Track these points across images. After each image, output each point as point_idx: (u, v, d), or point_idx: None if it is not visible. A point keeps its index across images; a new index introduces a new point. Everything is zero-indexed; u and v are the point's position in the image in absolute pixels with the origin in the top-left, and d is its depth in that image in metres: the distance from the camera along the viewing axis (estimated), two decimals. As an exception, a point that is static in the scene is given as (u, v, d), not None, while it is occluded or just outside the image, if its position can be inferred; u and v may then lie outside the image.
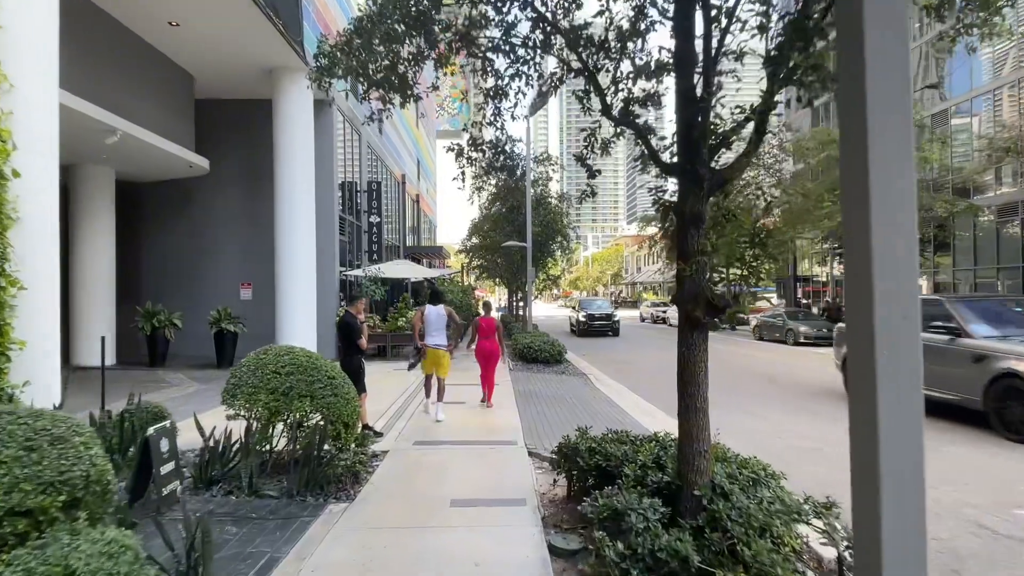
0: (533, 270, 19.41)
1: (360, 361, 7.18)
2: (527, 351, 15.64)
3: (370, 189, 19.54)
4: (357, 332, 7.09)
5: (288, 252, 13.97)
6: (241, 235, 16.17)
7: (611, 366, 16.34)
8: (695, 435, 3.75)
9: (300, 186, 14.08)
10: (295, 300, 13.92)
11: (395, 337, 16.05)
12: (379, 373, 13.37)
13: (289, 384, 5.35)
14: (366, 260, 19.02)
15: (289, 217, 13.97)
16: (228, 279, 16.23)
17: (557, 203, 22.04)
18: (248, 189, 15.99)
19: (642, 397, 11.13)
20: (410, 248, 28.50)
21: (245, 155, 15.96)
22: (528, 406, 9.60)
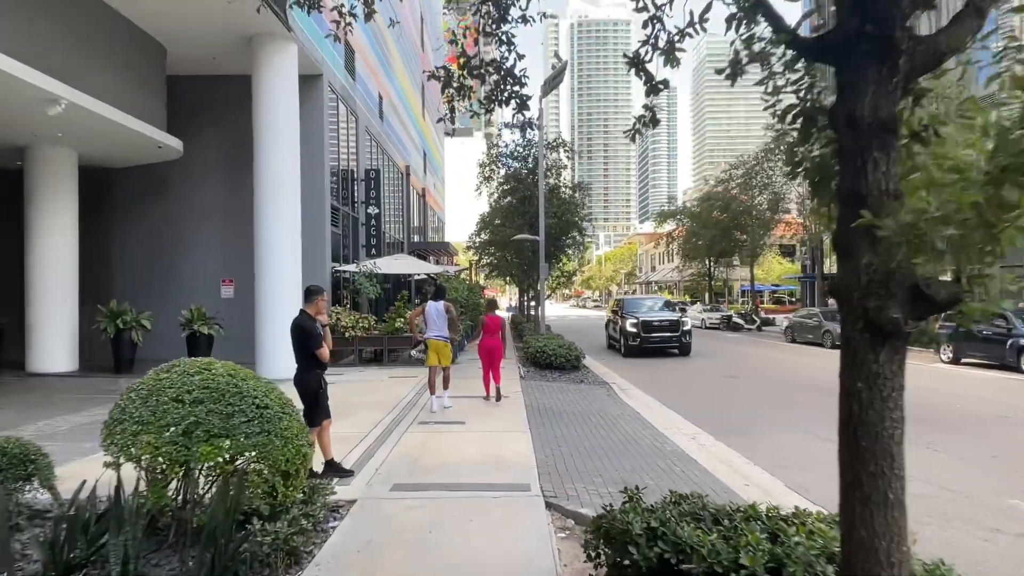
0: (546, 266, 17.65)
1: (319, 378, 5.45)
2: (540, 356, 13.87)
3: (368, 177, 17.87)
4: (315, 338, 5.35)
5: (269, 244, 12.30)
6: (222, 226, 14.54)
7: (634, 372, 14.52)
8: (882, 545, 1.96)
9: (283, 170, 12.40)
10: (276, 299, 12.24)
11: (393, 340, 14.35)
12: (372, 381, 11.66)
13: (195, 418, 3.63)
14: (363, 255, 17.34)
15: (271, 204, 12.30)
16: (207, 275, 14.61)
17: (572, 193, 20.23)
18: (230, 176, 14.35)
19: (678, 413, 9.33)
20: (415, 244, 26.83)
21: (227, 138, 14.32)
22: (543, 427, 7.84)
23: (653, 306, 19.80)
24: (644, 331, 17.79)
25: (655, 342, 17.87)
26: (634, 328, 17.87)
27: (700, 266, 39.50)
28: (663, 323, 18.11)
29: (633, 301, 20.44)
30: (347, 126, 17.00)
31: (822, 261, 32.33)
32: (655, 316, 18.45)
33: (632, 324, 17.98)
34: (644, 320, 17.98)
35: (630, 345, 17.88)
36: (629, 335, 17.99)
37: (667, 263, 70.22)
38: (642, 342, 17.76)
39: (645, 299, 21.30)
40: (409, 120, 27.65)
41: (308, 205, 13.98)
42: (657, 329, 17.96)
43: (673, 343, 18.00)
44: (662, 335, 17.98)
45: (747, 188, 30.55)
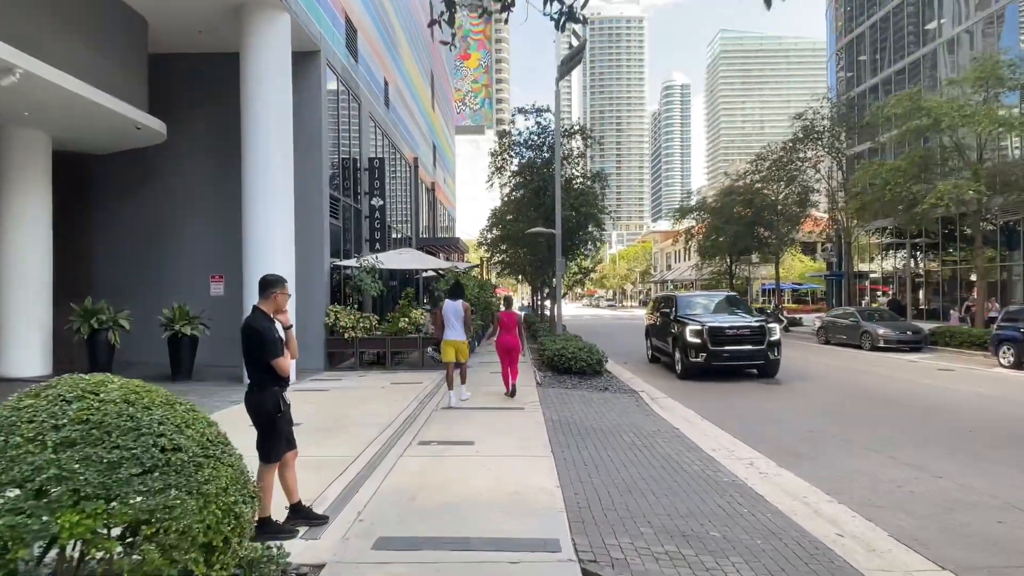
0: (563, 261, 16.33)
1: (278, 398, 4.05)
2: (558, 359, 12.55)
3: (372, 167, 16.65)
4: (270, 345, 3.97)
5: (258, 236, 11.10)
6: (213, 218, 13.38)
7: (660, 377, 13.17)
8: None
9: (274, 154, 11.19)
10: (266, 296, 11.02)
11: (396, 341, 13.10)
12: (371, 389, 10.41)
13: (57, 470, 2.38)
14: (367, 250, 16.13)
15: (260, 192, 11.09)
16: (196, 271, 13.45)
17: (589, 183, 18.87)
18: (222, 163, 13.16)
19: (723, 429, 7.99)
20: (423, 240, 25.60)
21: (219, 122, 13.13)
22: (568, 448, 6.53)
23: (718, 305, 14.60)
24: (714, 342, 12.51)
25: (730, 358, 12.57)
26: (697, 338, 12.61)
27: (721, 264, 37.92)
28: (741, 331, 12.72)
29: (689, 299, 15.02)
30: (349, 111, 15.78)
31: (851, 257, 30.64)
32: (728, 321, 13.07)
33: (694, 332, 12.67)
34: (713, 327, 12.64)
35: (692, 362, 12.69)
36: (690, 347, 12.67)
37: (683, 261, 68.62)
38: (710, 357, 12.47)
39: (703, 296, 16.24)
40: (418, 110, 26.44)
41: (304, 194, 12.79)
42: (733, 340, 12.63)
43: (756, 360, 12.70)
44: (740, 348, 12.62)
45: (773, 180, 28.95)
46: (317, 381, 11.43)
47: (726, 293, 16.73)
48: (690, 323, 12.97)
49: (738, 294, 22.26)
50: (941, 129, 18.16)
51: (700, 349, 12.57)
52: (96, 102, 9.90)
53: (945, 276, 29.09)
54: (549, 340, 14.28)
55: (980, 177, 17.88)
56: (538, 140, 18.41)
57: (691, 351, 12.68)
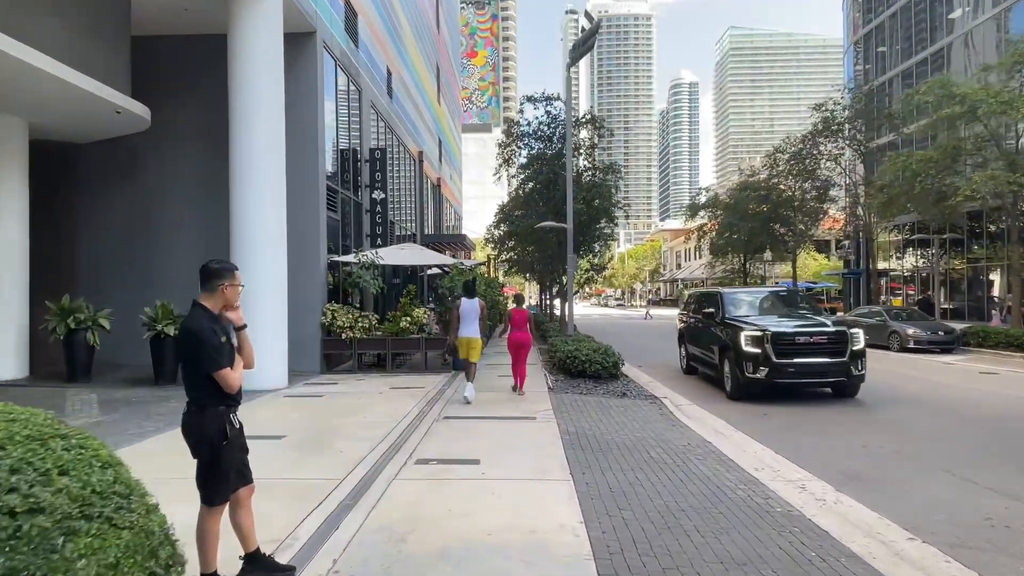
0: (575, 257, 15.43)
1: (222, 420, 3.09)
2: (571, 362, 11.64)
3: (373, 158, 15.79)
4: (209, 352, 3.02)
5: (246, 228, 10.28)
6: (203, 210, 12.57)
7: (678, 381, 12.24)
8: None
9: (264, 144, 10.37)
10: (255, 294, 10.19)
11: (397, 343, 12.24)
12: (368, 394, 9.53)
13: None
14: (367, 245, 15.28)
15: (248, 182, 10.27)
16: (185, 267, 12.57)
17: (602, 175, 17.93)
18: (211, 152, 12.32)
19: (763, 443, 7.06)
20: (429, 237, 24.73)
21: (208, 108, 12.29)
22: (590, 469, 5.63)
23: (774, 304, 11.81)
24: (779, 354, 9.61)
25: (799, 374, 9.74)
26: (756, 347, 9.75)
27: (736, 261, 36.85)
28: (816, 339, 9.79)
29: (737, 297, 11.85)
30: (348, 98, 14.93)
31: (874, 255, 29.46)
32: (796, 325, 10.20)
33: (752, 340, 9.83)
34: (778, 333, 9.79)
35: (749, 378, 9.81)
36: (746, 360, 9.79)
37: (695, 259, 67.56)
38: (773, 373, 9.60)
39: (754, 293, 12.61)
40: (423, 103, 25.59)
41: (298, 185, 11.97)
42: (804, 351, 9.73)
43: (833, 376, 9.86)
44: (814, 362, 9.71)
45: (792, 175, 27.83)
46: (311, 386, 10.59)
47: (782, 288, 12.82)
48: (745, 328, 10.03)
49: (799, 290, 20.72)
50: (977, 117, 17.11)
51: (760, 362, 9.61)
52: (72, 83, 9.10)
53: (968, 274, 27.96)
54: (560, 341, 13.38)
55: (1018, 167, 16.81)
56: (548, 130, 17.52)
57: (747, 364, 9.73)
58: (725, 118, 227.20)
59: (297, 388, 10.32)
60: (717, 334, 11.04)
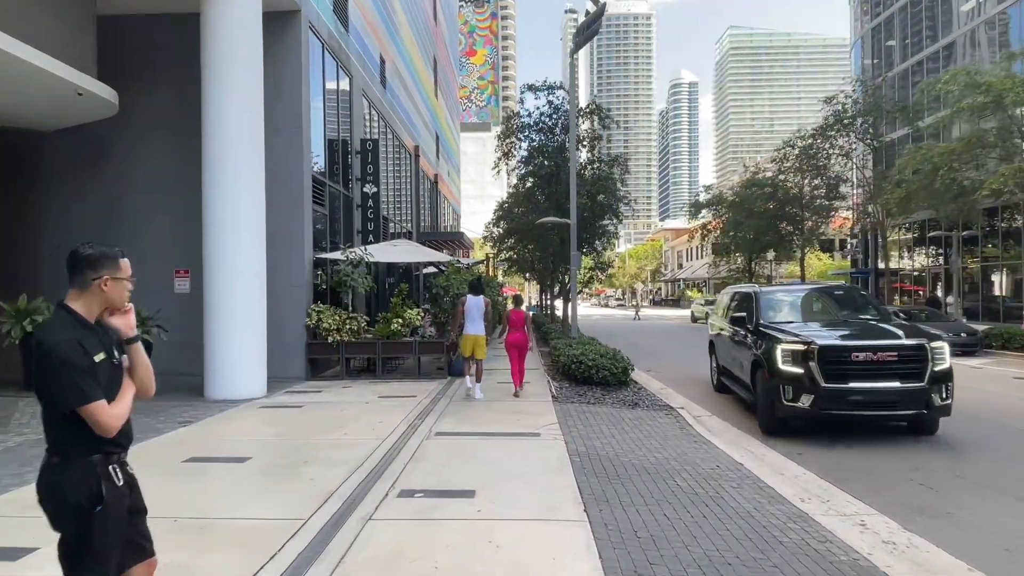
0: (579, 255, 14.50)
1: (93, 477, 2.10)
2: (576, 368, 10.71)
3: (364, 149, 14.87)
4: (76, 379, 2.03)
5: (221, 222, 9.35)
6: (177, 205, 11.60)
7: (693, 387, 11.32)
8: None
9: (240, 131, 9.44)
10: (230, 294, 9.28)
11: (388, 346, 11.31)
12: (354, 404, 8.59)
13: None
14: (359, 241, 14.35)
15: (223, 175, 9.34)
16: (157, 265, 11.69)
17: (607, 168, 17.00)
18: (186, 142, 11.34)
19: (801, 465, 6.13)
20: (425, 234, 23.82)
21: (182, 95, 11.35)
22: (608, 505, 4.70)
23: (825, 306, 9.18)
24: (830, 375, 7.03)
25: (860, 404, 7.10)
26: (796, 366, 7.21)
27: (743, 260, 35.94)
28: (884, 356, 7.06)
29: (775, 297, 9.21)
30: (338, 85, 14.00)
31: (886, 253, 28.53)
32: (856, 337, 7.53)
33: (791, 356, 7.28)
34: (829, 346, 7.18)
35: (788, 406, 7.23)
36: (785, 380, 7.24)
37: (697, 259, 66.73)
38: (822, 401, 7.03)
39: (799, 291, 9.68)
40: (419, 96, 24.65)
41: (279, 176, 11.06)
42: (866, 372, 7.05)
43: (907, 408, 7.12)
44: (880, 387, 7.05)
45: (801, 171, 26.90)
46: (292, 394, 9.66)
47: (837, 285, 9.61)
48: (783, 338, 7.46)
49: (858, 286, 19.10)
50: (1004, 107, 16.20)
51: (803, 386, 7.00)
52: (31, 63, 8.15)
53: (981, 274, 27.05)
54: (564, 344, 12.46)
55: (1046, 160, 15.94)
56: (550, 122, 16.60)
57: (785, 388, 7.12)
58: (725, 118, 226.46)
59: (276, 397, 9.39)
60: (749, 345, 8.38)
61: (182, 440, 6.62)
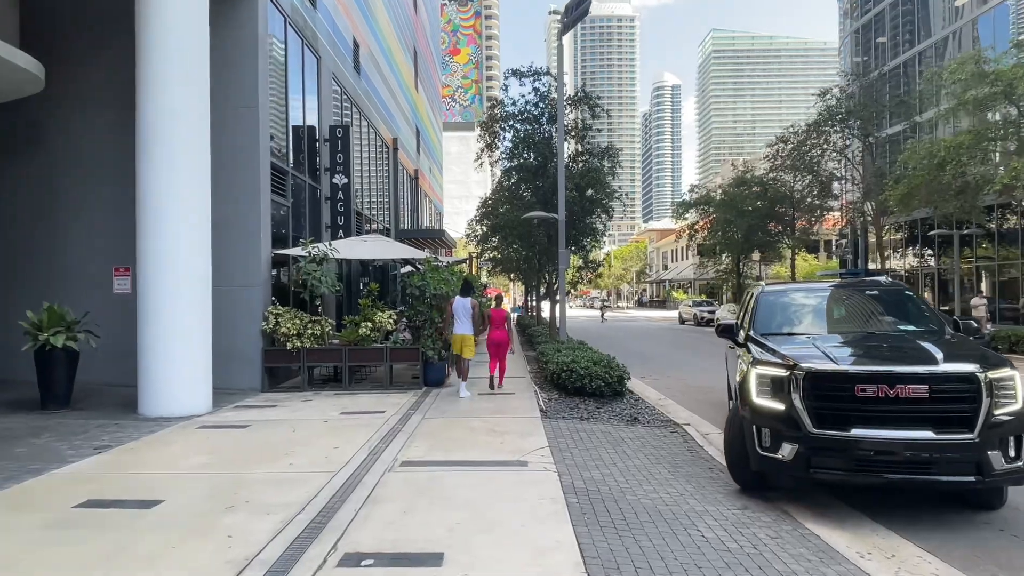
0: (567, 253, 13.39)
1: None
2: (567, 377, 9.56)
3: (334, 136, 13.62)
4: None
5: (154, 212, 8.08)
6: (117, 194, 10.26)
7: (691, 396, 10.24)
8: None
9: (179, 106, 8.17)
10: (167, 294, 8.01)
11: (356, 353, 10.08)
12: (309, 422, 7.35)
13: None
14: (328, 237, 13.10)
15: (158, 156, 8.07)
16: (95, 262, 10.41)
17: (597, 160, 15.92)
18: (127, 124, 10.01)
19: (839, 497, 5.04)
20: (404, 232, 22.58)
21: (121, 70, 10.02)
22: (617, 572, 3.56)
23: (863, 315, 6.46)
24: (823, 415, 4.62)
25: (872, 460, 4.51)
26: (772, 397, 4.86)
27: (731, 261, 35.16)
28: (907, 389, 4.48)
29: (781, 299, 6.62)
30: (303, 66, 12.74)
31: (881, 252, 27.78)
32: (870, 357, 5.12)
33: (765, 382, 4.94)
34: (822, 372, 4.71)
35: (763, 456, 4.82)
36: (758, 419, 4.88)
37: (683, 260, 66.13)
38: (809, 454, 4.61)
39: (825, 291, 6.96)
40: (398, 86, 23.42)
41: (232, 160, 9.83)
42: (882, 413, 4.54)
43: (946, 471, 4.46)
44: (902, 439, 4.44)
45: (793, 168, 26.06)
46: (241, 409, 8.40)
47: (873, 281, 7.07)
48: (760, 356, 5.25)
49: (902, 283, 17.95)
50: (1014, 98, 15.40)
51: (784, 430, 4.72)
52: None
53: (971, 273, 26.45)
54: (552, 349, 11.33)
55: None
56: (535, 111, 15.49)
57: (761, 430, 4.86)
58: (708, 120, 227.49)
59: (222, 413, 8.13)
60: (737, 365, 5.86)
61: (86, 474, 5.37)
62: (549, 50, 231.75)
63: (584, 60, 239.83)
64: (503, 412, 8.20)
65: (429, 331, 10.46)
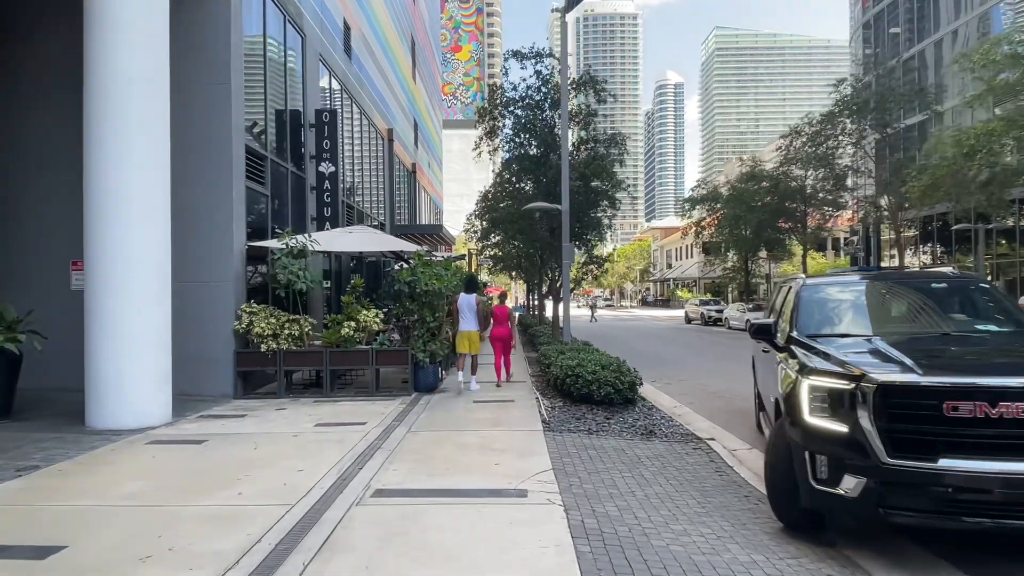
0: (571, 247, 12.42)
1: None
2: (572, 382, 8.56)
3: (320, 121, 12.65)
4: None
5: (104, 197, 7.12)
6: (74, 181, 9.29)
7: (709, 402, 9.25)
8: None
9: (132, 75, 7.20)
10: (118, 295, 7.05)
11: (338, 356, 9.10)
12: (278, 437, 6.36)
13: None
14: (313, 229, 12.13)
15: (108, 134, 7.11)
16: (50, 256, 9.46)
17: (603, 148, 14.92)
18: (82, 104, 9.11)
19: (913, 541, 4.04)
20: (401, 227, 21.62)
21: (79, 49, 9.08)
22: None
23: (926, 313, 5.14)
24: (901, 439, 3.48)
25: (969, 501, 3.38)
26: (832, 416, 3.71)
27: (737, 259, 34.14)
28: (1018, 405, 3.31)
29: (828, 295, 5.40)
30: (284, 41, 11.77)
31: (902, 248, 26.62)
32: (963, 366, 4.01)
33: (826, 391, 3.78)
34: (901, 385, 3.56)
35: (820, 492, 3.70)
36: (814, 443, 3.76)
37: (687, 258, 65.09)
38: (892, 490, 3.48)
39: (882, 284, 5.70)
40: (394, 76, 22.44)
41: (200, 143, 8.89)
42: (983, 439, 3.41)
43: None
44: (1012, 474, 3.29)
45: (808, 161, 24.98)
46: (204, 420, 7.43)
47: (938, 273, 5.87)
48: (815, 364, 4.09)
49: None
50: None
51: (848, 458, 3.59)
52: None
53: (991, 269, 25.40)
54: (555, 351, 10.35)
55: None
56: (537, 96, 14.49)
57: (816, 457, 3.74)
58: (711, 119, 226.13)
59: (182, 425, 7.17)
60: (777, 373, 4.85)
61: (-12, 508, 4.40)
62: (551, 48, 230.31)
63: (587, 58, 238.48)
64: (500, 424, 7.23)
65: (420, 331, 9.49)
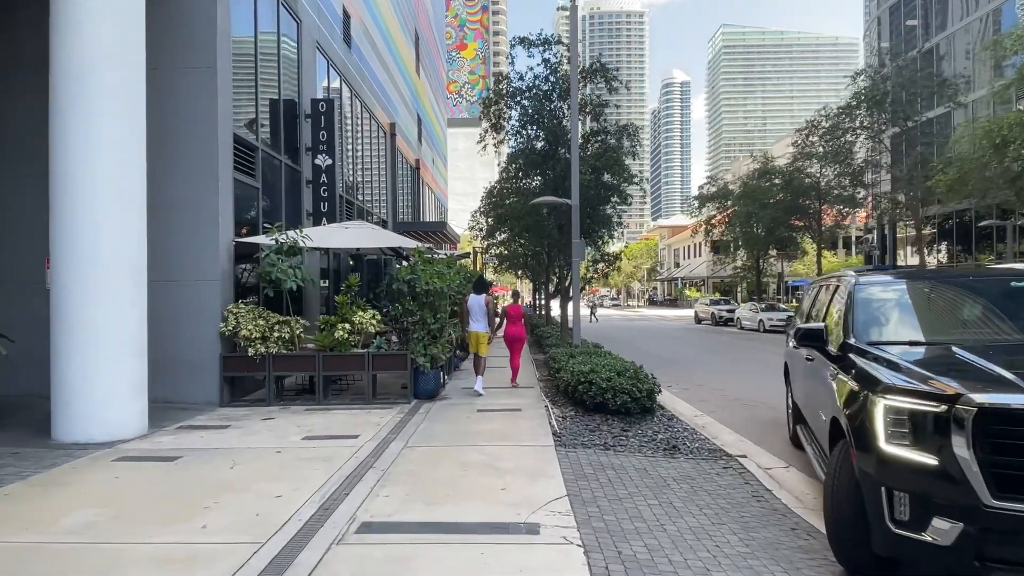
0: (581, 243, 11.72)
1: None
2: (584, 390, 7.85)
3: (316, 111, 11.99)
4: None
5: (71, 187, 6.48)
6: (46, 168, 8.70)
7: (728, 409, 8.53)
8: None
9: (102, 52, 6.55)
10: (86, 295, 6.40)
11: (332, 361, 8.42)
12: (259, 453, 5.68)
13: None
14: (308, 225, 11.46)
15: (76, 116, 6.47)
16: (22, 253, 8.84)
17: (614, 140, 14.19)
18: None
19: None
20: (403, 224, 20.95)
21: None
22: None
23: (1006, 317, 4.14)
24: (1008, 475, 2.81)
25: None
26: (922, 445, 3.00)
27: (747, 257, 33.35)
28: None
29: (887, 296, 4.59)
30: (278, 29, 11.11)
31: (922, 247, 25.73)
32: None
33: (908, 413, 3.05)
34: (1006, 408, 2.86)
35: (899, 536, 3.01)
36: (893, 479, 3.06)
37: (695, 256, 64.22)
38: (996, 538, 2.80)
39: (947, 283, 4.75)
40: (396, 69, 21.78)
41: (182, 131, 8.25)
42: None
43: None
44: None
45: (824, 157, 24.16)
46: (183, 432, 6.77)
47: (1015, 270, 4.75)
48: (891, 380, 3.31)
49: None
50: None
51: (938, 497, 2.93)
52: None
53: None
54: (564, 354, 9.67)
55: None
56: (545, 86, 13.79)
57: (897, 495, 3.04)
58: (718, 117, 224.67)
59: (157, 437, 6.51)
60: (831, 387, 4.09)
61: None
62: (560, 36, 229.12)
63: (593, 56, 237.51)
64: (507, 437, 6.54)
65: (420, 334, 8.83)
